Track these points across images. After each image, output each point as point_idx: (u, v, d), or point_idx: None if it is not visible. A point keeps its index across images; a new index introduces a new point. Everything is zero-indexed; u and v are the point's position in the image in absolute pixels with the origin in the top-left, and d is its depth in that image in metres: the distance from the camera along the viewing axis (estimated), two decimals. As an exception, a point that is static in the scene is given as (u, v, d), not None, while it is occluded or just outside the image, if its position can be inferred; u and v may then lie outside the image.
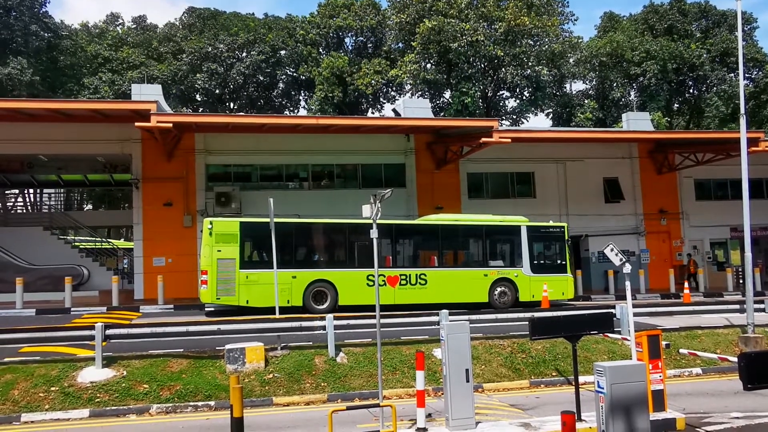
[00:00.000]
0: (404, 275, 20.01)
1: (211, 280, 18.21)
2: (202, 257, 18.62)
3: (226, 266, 18.39)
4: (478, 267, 21.01)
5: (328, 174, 27.31)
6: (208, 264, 18.32)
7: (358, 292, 19.38)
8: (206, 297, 18.39)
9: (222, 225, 18.76)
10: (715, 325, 16.01)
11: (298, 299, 18.95)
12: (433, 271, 20.41)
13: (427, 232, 21.33)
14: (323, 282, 19.31)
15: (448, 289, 20.16)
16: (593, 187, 29.02)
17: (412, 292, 19.95)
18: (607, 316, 10.10)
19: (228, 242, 18.55)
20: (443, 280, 20.37)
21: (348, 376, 12.33)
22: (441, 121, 27.18)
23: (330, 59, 42.28)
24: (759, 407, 10.38)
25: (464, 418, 9.18)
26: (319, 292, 19.30)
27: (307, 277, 19.14)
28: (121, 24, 51.92)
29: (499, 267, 21.24)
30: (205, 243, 18.57)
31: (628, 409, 7.01)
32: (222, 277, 18.31)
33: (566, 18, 44.74)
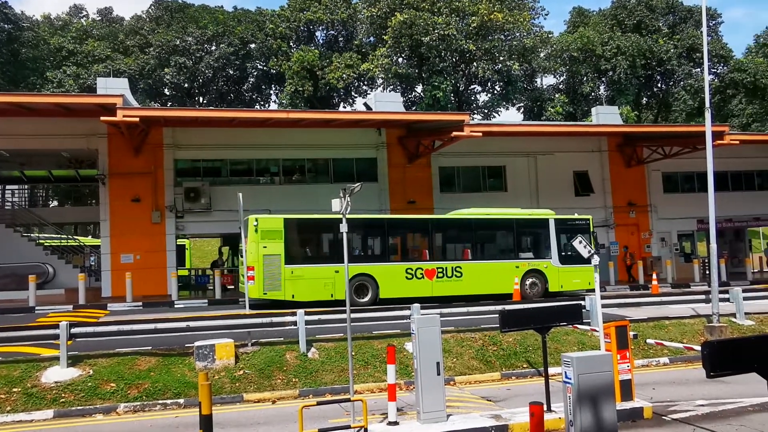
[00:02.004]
0: (441, 268, 20.63)
1: (258, 276, 18.58)
2: (248, 253, 18.74)
3: (272, 262, 18.80)
4: (510, 259, 21.57)
5: (300, 169, 27.11)
6: (255, 260, 18.64)
7: (398, 285, 19.98)
8: (253, 292, 18.47)
9: (267, 222, 19.11)
10: (682, 316, 16.25)
11: (341, 293, 19.22)
12: (467, 263, 21.00)
13: (462, 226, 21.97)
14: (364, 276, 19.79)
15: (482, 281, 20.69)
16: (563, 181, 29.27)
17: (449, 285, 20.55)
18: (576, 308, 10.14)
19: (273, 238, 18.93)
20: (477, 272, 20.94)
21: (319, 371, 12.26)
22: (412, 115, 27.17)
23: (300, 53, 42.01)
24: (723, 394, 10.56)
25: (435, 411, 9.19)
26: (361, 285, 19.76)
27: (350, 271, 19.14)
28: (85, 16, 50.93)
29: (529, 259, 21.85)
30: (250, 239, 18.76)
31: (594, 399, 7.06)
32: (268, 273, 18.74)
33: (537, 13, 45.20)
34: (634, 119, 46.69)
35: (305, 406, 8.29)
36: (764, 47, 61.16)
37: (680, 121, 52.57)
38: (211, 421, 7.74)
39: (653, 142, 28.65)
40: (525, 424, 8.36)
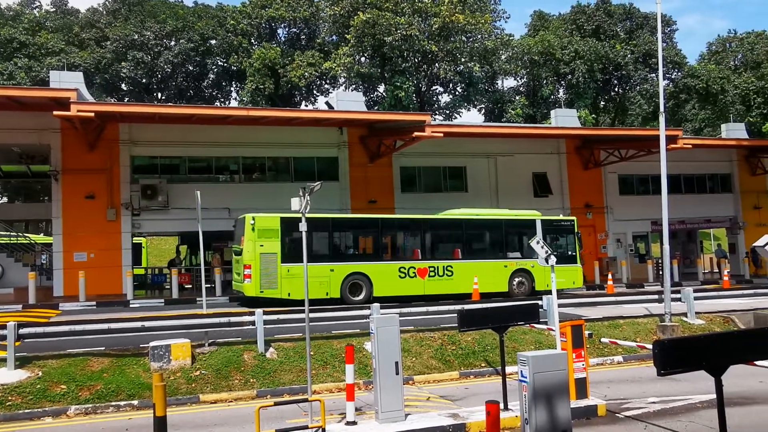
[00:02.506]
0: (432, 267, 21.16)
1: (255, 274, 18.82)
2: (245, 252, 19.09)
3: (268, 260, 19.03)
4: (499, 259, 22.11)
5: (260, 167, 26.83)
6: (252, 258, 18.88)
7: (391, 283, 20.40)
8: (250, 290, 18.82)
9: (263, 220, 19.33)
10: (636, 315, 16.62)
11: (336, 291, 19.79)
12: (458, 263, 21.49)
13: (453, 227, 22.47)
14: (359, 274, 20.20)
15: (469, 280, 20.96)
16: (523, 182, 29.63)
17: (440, 283, 21.05)
18: (533, 308, 10.29)
19: (269, 237, 19.18)
20: (468, 271, 21.29)
21: (278, 371, 12.19)
22: (374, 115, 27.14)
23: (262, 50, 41.58)
24: (673, 392, 10.84)
25: (394, 411, 9.20)
26: (355, 284, 20.15)
27: (344, 270, 20.03)
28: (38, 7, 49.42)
29: (517, 258, 22.42)
30: (247, 238, 19.08)
31: (549, 397, 7.15)
32: (265, 271, 18.98)
33: (498, 16, 45.52)
34: (592, 122, 47.57)
35: (262, 407, 8.20)
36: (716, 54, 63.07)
37: (636, 124, 53.77)
38: (165, 422, 7.64)
39: (610, 145, 29.21)
40: (482, 422, 8.42)
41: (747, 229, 33.01)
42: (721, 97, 53.90)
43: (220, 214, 24.31)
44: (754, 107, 55.74)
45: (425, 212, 23.33)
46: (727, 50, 63.34)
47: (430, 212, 23.29)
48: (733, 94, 54.49)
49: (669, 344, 5.55)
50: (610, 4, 53.40)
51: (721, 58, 61.90)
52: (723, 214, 33.53)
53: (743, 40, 62.51)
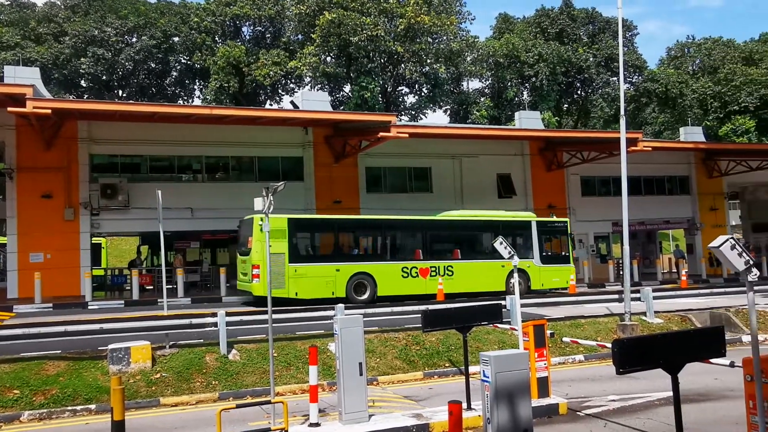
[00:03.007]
0: (434, 267, 21.65)
1: (263, 274, 18.78)
2: (254, 252, 19.25)
3: (277, 261, 19.17)
4: (496, 259, 21.66)
5: (224, 166, 26.49)
6: (260, 259, 18.85)
7: (395, 283, 20.81)
8: (259, 290, 18.97)
9: (272, 221, 18.56)
10: (597, 314, 16.84)
11: (342, 291, 20.16)
12: (458, 263, 22.03)
13: (453, 228, 23.11)
14: (363, 274, 20.59)
15: (472, 280, 21.69)
16: (487, 183, 29.84)
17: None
18: (496, 308, 10.31)
19: (278, 238, 19.27)
20: (468, 271, 21.97)
21: (240, 373, 12.05)
22: (340, 115, 27.06)
23: (226, 48, 41.11)
24: (632, 390, 11.02)
25: (357, 412, 9.17)
26: (360, 283, 20.53)
27: (350, 269, 20.44)
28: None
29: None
30: (255, 238, 19.26)
31: (511, 397, 7.19)
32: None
33: (464, 17, 45.85)
34: (555, 124, 48.24)
35: (224, 409, 8.08)
36: (675, 59, 64.63)
37: (598, 127, 54.70)
38: (123, 426, 7.50)
39: (572, 147, 29.60)
40: (445, 422, 8.43)
41: (704, 230, 33.82)
42: (680, 101, 55.25)
43: (183, 214, 23.94)
44: (711, 111, 57.24)
45: (390, 213, 23.36)
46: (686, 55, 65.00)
47: (395, 213, 23.36)
48: (691, 98, 55.88)
49: (627, 343, 5.64)
50: (573, 8, 54.23)
51: (680, 63, 63.49)
52: (681, 215, 34.31)
53: (701, 46, 64.20)
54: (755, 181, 35.66)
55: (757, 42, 66.51)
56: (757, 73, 56.26)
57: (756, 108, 55.06)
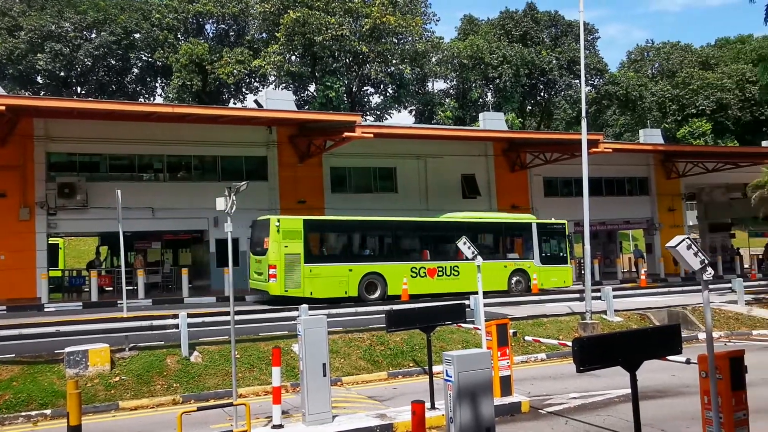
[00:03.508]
0: (441, 267, 22.35)
1: (280, 274, 19.63)
2: (270, 252, 19.84)
3: (292, 261, 19.87)
4: (499, 259, 23.32)
5: (186, 166, 26.03)
6: (277, 259, 19.69)
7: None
8: (275, 290, 19.67)
9: (288, 222, 20.38)
10: (559, 313, 17.07)
11: (354, 290, 20.76)
12: (464, 263, 22.03)
13: (459, 229, 23.13)
14: (374, 274, 21.22)
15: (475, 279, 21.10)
16: (452, 183, 29.94)
17: (448, 282, 22.10)
18: (459, 307, 10.36)
19: (293, 238, 20.07)
20: (471, 271, 21.55)
21: (202, 375, 11.90)
22: (304, 114, 26.90)
23: (189, 46, 40.53)
24: (593, 387, 11.19)
25: (321, 413, 9.13)
26: (371, 283, 21.15)
27: (361, 270, 21.08)
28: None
29: (515, 259, 23.85)
30: (272, 239, 19.88)
31: (474, 396, 7.21)
32: (289, 271, 19.80)
33: (429, 18, 46.06)
34: (519, 126, 48.79)
35: (185, 412, 7.96)
36: (635, 63, 66.06)
37: (561, 129, 55.54)
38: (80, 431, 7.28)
39: (536, 148, 29.92)
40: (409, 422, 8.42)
41: (662, 230, 34.51)
42: (640, 104, 56.46)
43: (143, 214, 23.46)
44: (669, 114, 58.65)
45: (355, 213, 23.34)
46: (646, 59, 66.53)
47: (360, 213, 23.35)
48: (650, 101, 57.17)
49: (587, 342, 5.73)
50: (536, 11, 54.94)
51: (640, 66, 64.94)
52: (641, 215, 34.94)
53: (660, 50, 65.78)
54: (711, 182, 36.57)
55: (714, 47, 68.49)
56: (713, 77, 57.89)
57: (712, 111, 56.64)
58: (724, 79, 57.16)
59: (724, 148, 42.06)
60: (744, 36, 69.63)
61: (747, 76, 55.81)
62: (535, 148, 29.92)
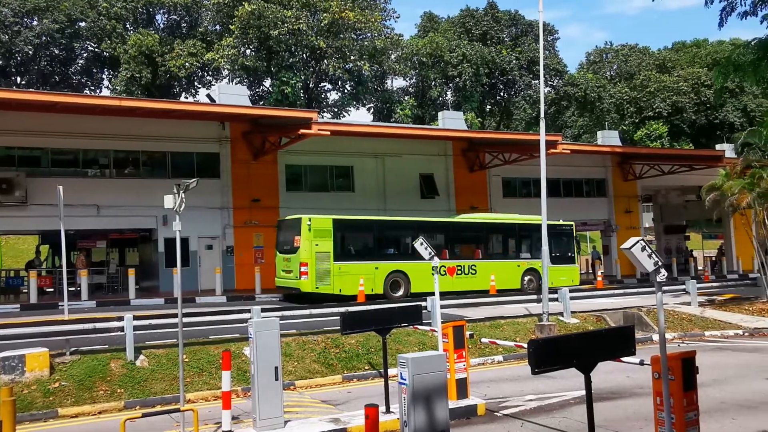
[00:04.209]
0: (460, 266, 23.36)
1: (311, 272, 20.41)
2: (302, 250, 20.63)
3: (323, 259, 20.70)
4: (513, 259, 24.47)
5: (134, 161, 25.21)
6: (308, 257, 20.49)
7: (426, 280, 20.86)
8: (307, 286, 20.43)
9: (318, 221, 21.14)
10: (516, 315, 17.06)
11: (380, 287, 21.51)
12: (480, 262, 23.75)
13: (476, 229, 24.93)
14: (398, 272, 22.01)
15: (490, 278, 22.65)
16: (410, 183, 29.79)
17: (466, 280, 23.05)
18: (416, 309, 10.27)
19: (323, 237, 20.90)
20: (488, 270, 23.27)
21: (149, 380, 11.51)
22: (259, 110, 26.36)
23: (138, 36, 39.40)
24: (549, 389, 11.14)
25: (273, 418, 8.92)
26: (395, 281, 21.96)
27: (387, 268, 21.84)
28: None
29: (527, 259, 24.84)
30: (304, 238, 20.65)
31: (428, 399, 7.08)
32: (320, 269, 20.61)
33: (388, 15, 45.84)
34: (478, 125, 48.97)
35: (129, 419, 7.69)
36: (594, 64, 67.22)
37: (520, 129, 55.96)
38: (13, 442, 6.91)
39: (495, 148, 29.94)
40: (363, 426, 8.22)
41: (619, 231, 34.98)
42: (598, 105, 57.41)
43: (88, 212, 22.64)
44: (627, 116, 59.88)
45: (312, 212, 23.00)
46: (604, 61, 67.79)
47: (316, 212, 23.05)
48: (608, 102, 58.21)
49: (542, 344, 5.86)
50: (497, 10, 55.26)
51: (598, 68, 66.12)
52: (598, 217, 35.34)
53: (618, 52, 67.10)
54: (667, 185, 37.23)
55: (670, 50, 70.28)
56: (669, 80, 59.35)
57: (668, 114, 58.08)
58: (680, 83, 58.63)
59: (679, 151, 43.12)
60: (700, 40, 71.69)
61: (702, 80, 57.31)
62: (494, 148, 29.97)
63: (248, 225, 25.95)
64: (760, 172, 20.32)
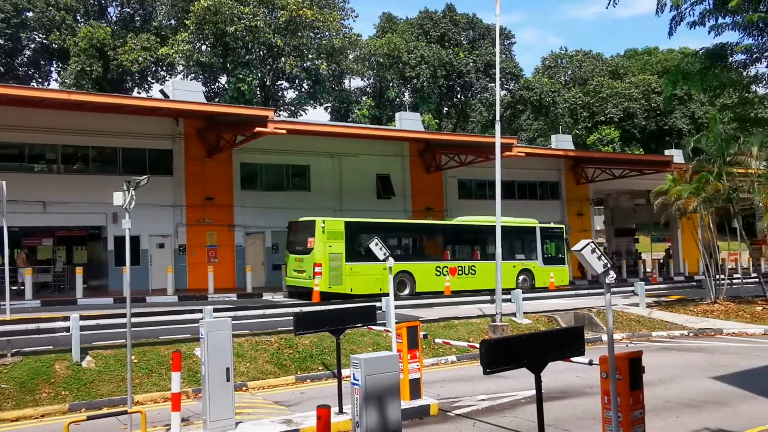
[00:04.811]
0: (460, 267, 24.60)
1: (325, 272, 21.33)
2: (316, 251, 21.50)
3: (335, 259, 21.66)
4: (509, 260, 24.63)
5: (83, 157, 24.49)
6: (322, 258, 21.39)
7: (429, 280, 23.02)
8: (321, 286, 20.99)
9: (331, 224, 22.27)
10: (470, 315, 17.23)
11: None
12: (479, 263, 24.92)
13: (475, 232, 25.88)
14: (405, 273, 22.79)
15: (489, 277, 23.14)
16: (367, 183, 29.75)
17: (466, 280, 24.17)
18: (370, 309, 10.26)
19: (336, 239, 21.88)
20: (486, 270, 24.06)
21: (96, 381, 11.20)
22: (213, 107, 26.01)
23: (89, 29, 38.28)
24: (501, 389, 11.26)
25: (223, 420, 8.80)
26: (402, 281, 22.66)
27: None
28: None
29: (522, 260, 26.17)
30: (318, 239, 21.56)
31: (381, 399, 7.08)
32: (333, 269, 21.57)
33: (347, 14, 45.63)
34: (435, 127, 49.24)
35: (73, 422, 7.47)
36: (549, 69, 68.44)
37: (476, 131, 56.53)
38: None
39: (451, 149, 30.16)
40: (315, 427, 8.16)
41: (572, 234, 35.61)
42: (553, 110, 58.40)
43: (33, 208, 21.90)
44: (580, 121, 61.15)
45: (266, 211, 22.86)
46: (559, 66, 69.11)
47: (272, 211, 22.91)
48: (562, 107, 59.31)
49: (493, 344, 5.97)
50: (455, 12, 55.67)
51: (553, 73, 67.36)
52: (551, 219, 35.84)
53: (573, 58, 68.49)
54: (618, 188, 38.10)
55: (623, 57, 72.17)
56: (621, 86, 60.91)
57: (620, 119, 59.57)
58: (631, 89, 60.19)
59: (630, 156, 44.13)
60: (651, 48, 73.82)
61: (653, 87, 58.95)
62: (450, 149, 30.18)
63: (201, 223, 25.56)
64: (707, 176, 20.96)
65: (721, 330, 18.15)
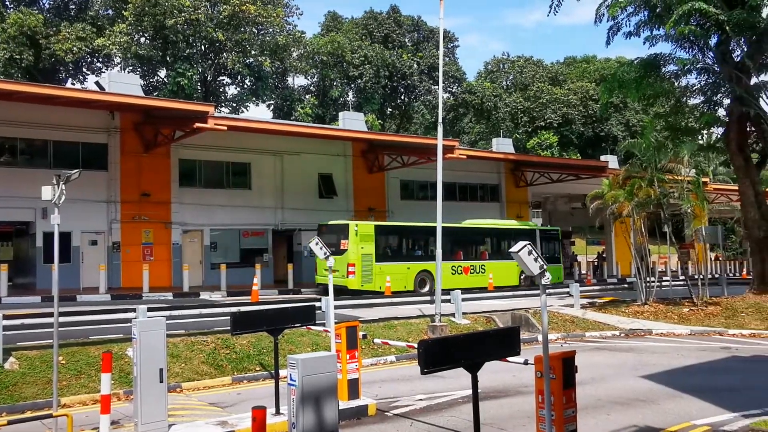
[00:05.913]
0: (472, 266, 26.98)
1: (358, 272, 23.24)
2: (350, 253, 23.25)
3: (366, 260, 23.51)
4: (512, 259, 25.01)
5: (11, 149, 23.45)
6: (356, 258, 23.26)
7: (447, 278, 23.21)
8: (354, 284, 23.05)
9: (363, 227, 24.22)
10: (410, 316, 17.28)
11: (411, 285, 24.57)
12: (488, 262, 27.33)
13: (484, 234, 28.59)
14: (425, 272, 24.93)
15: (498, 275, 26.70)
16: (309, 182, 29.58)
17: (477, 278, 26.51)
18: (309, 309, 10.14)
19: (367, 241, 23.76)
20: (494, 269, 26.98)
21: (19, 383, 10.70)
22: (151, 101, 25.19)
23: (19, 15, 36.66)
24: (439, 388, 11.33)
25: (156, 422, 8.56)
26: (423, 279, 25.00)
27: (416, 268, 25.03)
28: None
29: None
30: (351, 241, 23.41)
31: (318, 400, 7.04)
32: (365, 269, 23.40)
33: (291, 12, 45.27)
34: (379, 127, 49.38)
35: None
36: (491, 74, 69.63)
37: (419, 133, 56.99)
38: None
39: (394, 150, 30.27)
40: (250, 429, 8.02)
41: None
42: (494, 114, 59.48)
43: (-44, 201, 20.85)
44: (521, 125, 62.42)
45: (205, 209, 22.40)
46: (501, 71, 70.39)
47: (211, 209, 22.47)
48: (504, 111, 60.45)
49: (431, 344, 5.95)
50: (400, 14, 55.97)
51: (495, 77, 68.56)
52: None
53: (515, 63, 69.93)
54: (556, 192, 39.07)
55: (562, 64, 74.09)
56: (560, 92, 62.52)
57: (559, 125, 61.09)
58: (570, 96, 61.83)
59: (567, 161, 45.31)
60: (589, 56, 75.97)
61: (590, 94, 60.73)
62: (393, 150, 30.29)
63: (137, 220, 24.85)
64: (639, 182, 21.68)
65: (650, 330, 18.73)
